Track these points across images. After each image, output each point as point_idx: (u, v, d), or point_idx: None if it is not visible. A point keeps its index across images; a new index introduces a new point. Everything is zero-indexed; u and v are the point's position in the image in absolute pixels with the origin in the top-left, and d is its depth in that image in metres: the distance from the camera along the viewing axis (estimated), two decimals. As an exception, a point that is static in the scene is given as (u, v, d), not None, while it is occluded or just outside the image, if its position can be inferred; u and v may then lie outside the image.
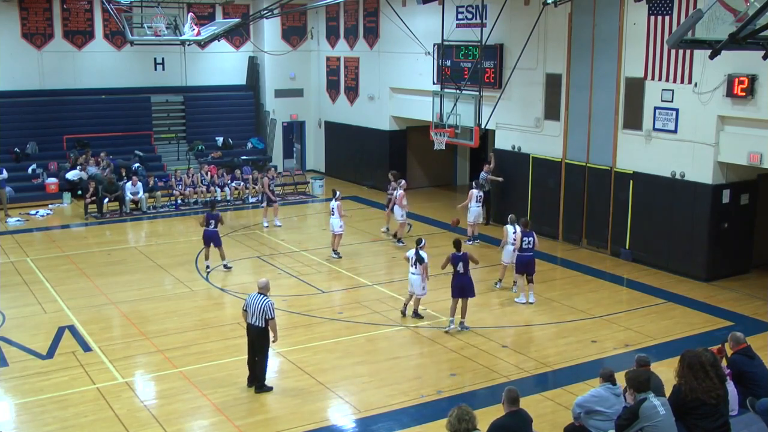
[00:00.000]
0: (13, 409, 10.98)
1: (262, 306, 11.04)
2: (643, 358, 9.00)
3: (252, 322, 11.15)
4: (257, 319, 11.08)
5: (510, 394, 7.93)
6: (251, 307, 11.13)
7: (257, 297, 11.15)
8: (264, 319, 11.03)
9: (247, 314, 11.23)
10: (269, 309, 11.05)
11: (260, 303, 11.06)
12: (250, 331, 11.27)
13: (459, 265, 13.58)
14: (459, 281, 13.67)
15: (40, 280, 16.79)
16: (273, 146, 29.61)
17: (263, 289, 11.25)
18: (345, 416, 10.84)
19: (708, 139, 16.33)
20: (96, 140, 26.62)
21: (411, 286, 14.25)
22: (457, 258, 13.62)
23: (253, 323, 11.14)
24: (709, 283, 16.57)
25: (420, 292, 14.17)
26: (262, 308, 11.04)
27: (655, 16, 17.10)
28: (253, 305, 11.10)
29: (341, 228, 18.39)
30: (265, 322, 11.05)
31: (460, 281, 13.66)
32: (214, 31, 21.88)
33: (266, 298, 11.14)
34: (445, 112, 19.35)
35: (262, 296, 11.15)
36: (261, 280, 11.44)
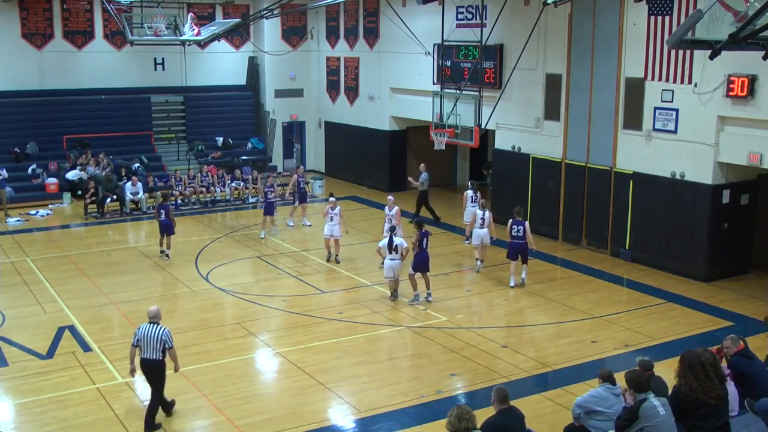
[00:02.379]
0: (13, 409, 10.98)
1: (158, 335, 9.89)
2: (646, 363, 8.97)
3: (146, 356, 9.96)
4: (154, 352, 9.92)
5: (499, 393, 7.97)
6: (144, 340, 9.94)
7: (150, 327, 9.97)
8: (162, 350, 9.92)
9: (141, 348, 10.02)
10: (168, 338, 9.95)
11: (156, 333, 9.91)
12: (144, 366, 10.07)
13: (424, 242, 15.00)
14: (423, 257, 15.01)
15: (40, 280, 16.79)
16: (273, 146, 29.61)
17: (155, 317, 10.08)
18: (345, 416, 10.84)
19: (708, 140, 16.33)
20: (96, 140, 26.62)
21: (393, 271, 15.11)
22: (423, 235, 15.03)
23: (148, 357, 9.96)
24: (709, 283, 16.57)
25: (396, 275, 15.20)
26: (159, 338, 9.89)
27: (655, 17, 17.10)
28: (147, 337, 9.92)
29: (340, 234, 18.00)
30: (162, 353, 9.95)
31: (424, 256, 15.02)
32: (214, 31, 21.88)
33: (161, 326, 10.01)
34: (445, 112, 19.35)
35: (155, 325, 9.99)
36: (151, 309, 10.21)
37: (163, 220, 18.19)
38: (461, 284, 16.90)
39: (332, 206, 17.95)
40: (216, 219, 23.03)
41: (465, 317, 14.66)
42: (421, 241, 15.05)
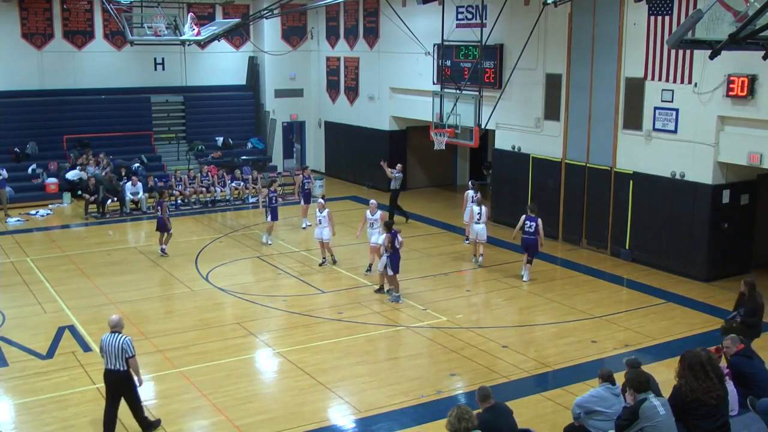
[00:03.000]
0: (13, 409, 10.98)
1: (119, 345, 9.62)
2: (633, 361, 8.99)
3: (110, 367, 9.72)
4: (117, 362, 9.66)
5: (481, 392, 8.05)
6: (106, 351, 9.72)
7: (111, 337, 9.71)
8: (124, 360, 9.66)
9: (104, 360, 9.81)
10: (128, 347, 9.67)
11: (117, 342, 9.64)
12: (107, 377, 9.84)
13: (395, 242, 15.28)
14: (397, 257, 15.29)
15: (40, 280, 16.79)
16: (273, 146, 29.61)
17: (116, 327, 9.81)
18: (345, 416, 10.84)
19: (708, 139, 16.33)
20: (96, 140, 26.62)
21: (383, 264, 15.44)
22: (393, 235, 15.36)
23: (112, 368, 9.70)
24: (709, 283, 16.57)
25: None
26: (119, 347, 9.62)
27: (655, 16, 17.10)
28: (108, 347, 9.69)
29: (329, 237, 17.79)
30: (125, 363, 9.68)
31: (397, 257, 15.30)
32: (214, 31, 21.87)
33: (121, 335, 9.73)
34: (445, 112, 19.35)
35: (116, 335, 9.71)
36: (112, 318, 9.99)
37: (158, 217, 18.65)
38: (461, 284, 16.90)
39: (320, 208, 17.76)
40: (216, 219, 23.03)
41: (465, 317, 14.66)
42: (393, 242, 15.22)
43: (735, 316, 11.61)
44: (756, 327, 11.42)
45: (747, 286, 11.58)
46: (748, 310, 11.45)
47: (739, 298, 11.80)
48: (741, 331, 10.60)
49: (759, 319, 11.48)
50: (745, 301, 11.56)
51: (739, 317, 11.47)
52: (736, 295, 15.68)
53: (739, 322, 11.38)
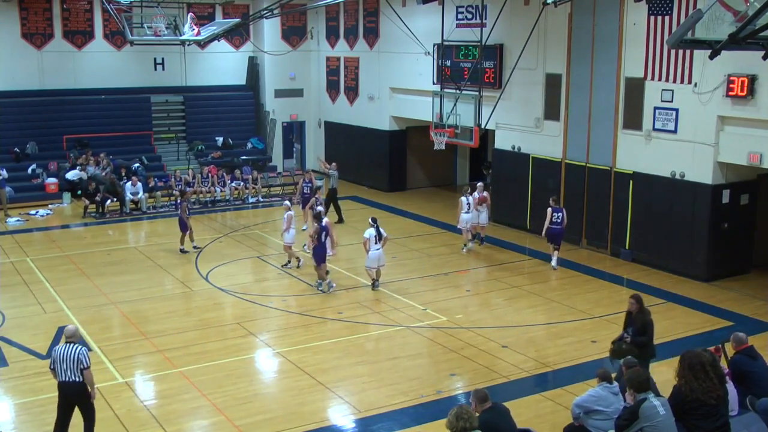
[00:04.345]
0: (13, 409, 10.98)
1: (75, 356, 9.16)
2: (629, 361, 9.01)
3: (65, 379, 9.23)
4: (72, 374, 9.19)
5: (479, 394, 8.04)
6: (59, 362, 9.23)
7: (66, 348, 9.25)
8: (80, 371, 9.21)
9: (56, 372, 9.31)
10: (84, 357, 9.21)
11: (72, 353, 9.18)
12: (63, 389, 9.35)
13: (323, 235, 15.70)
14: (322, 249, 15.73)
15: (40, 280, 16.79)
16: (273, 146, 29.61)
17: (72, 337, 9.39)
18: (345, 416, 10.84)
19: (708, 139, 16.33)
20: (96, 140, 26.62)
21: (378, 261, 15.86)
22: (323, 229, 15.74)
23: (67, 380, 9.23)
24: (709, 283, 16.57)
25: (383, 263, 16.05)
26: (75, 358, 9.15)
27: (655, 16, 17.10)
28: (62, 358, 9.20)
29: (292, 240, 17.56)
30: (81, 374, 9.23)
31: (323, 249, 15.73)
32: (214, 31, 21.86)
33: (77, 346, 9.33)
34: (445, 112, 19.35)
35: (71, 345, 9.27)
36: (69, 327, 9.62)
37: (179, 217, 18.87)
38: (461, 284, 16.90)
39: (285, 209, 17.39)
40: (216, 219, 23.03)
41: (465, 317, 14.66)
42: (320, 234, 15.64)
43: (624, 336, 10.78)
44: (649, 346, 10.69)
45: (635, 304, 10.75)
46: (638, 328, 10.65)
47: (626, 317, 10.98)
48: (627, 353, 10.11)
49: (650, 338, 10.69)
50: (633, 320, 10.76)
51: (629, 337, 10.67)
52: (737, 295, 15.80)
53: (629, 342, 10.63)
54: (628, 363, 8.95)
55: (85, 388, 9.35)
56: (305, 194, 20.82)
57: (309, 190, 20.83)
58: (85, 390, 9.36)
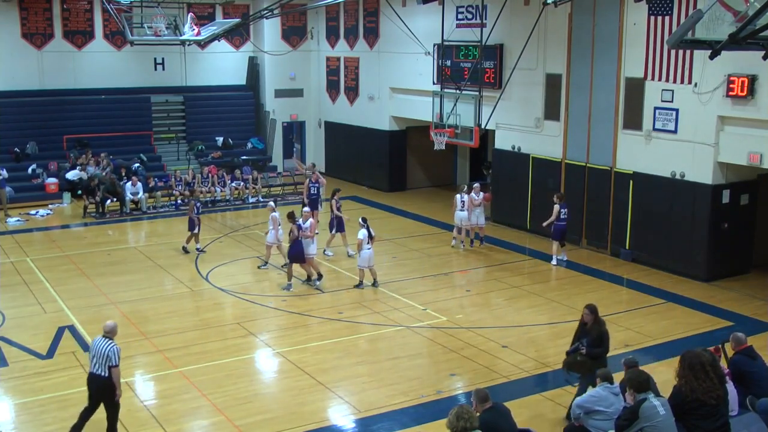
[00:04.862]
0: (13, 409, 10.98)
1: (105, 351, 9.43)
2: (630, 361, 9.01)
3: (93, 371, 9.53)
4: (99, 367, 9.46)
5: (479, 394, 8.05)
6: (92, 354, 9.59)
7: (101, 342, 9.55)
8: (107, 367, 9.44)
9: (90, 362, 9.67)
10: (113, 355, 9.44)
11: (104, 348, 9.45)
12: (89, 380, 9.65)
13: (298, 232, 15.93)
14: (298, 248, 15.89)
15: (40, 280, 16.79)
16: (273, 146, 29.61)
17: (109, 333, 9.66)
18: (345, 416, 10.84)
19: (708, 139, 16.33)
20: (96, 140, 26.61)
21: (369, 260, 15.96)
22: (299, 228, 15.93)
23: (94, 372, 9.51)
24: (709, 283, 16.57)
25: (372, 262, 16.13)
26: (105, 354, 9.42)
27: (655, 16, 17.10)
28: (96, 351, 9.52)
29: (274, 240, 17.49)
30: (108, 370, 9.46)
31: (299, 248, 15.89)
32: (214, 31, 21.87)
33: (111, 342, 9.55)
34: (445, 112, 19.36)
35: (106, 340, 9.55)
36: (107, 323, 9.85)
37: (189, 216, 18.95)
38: (461, 284, 16.91)
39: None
40: (216, 219, 23.02)
41: (465, 317, 14.66)
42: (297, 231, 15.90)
43: (578, 347, 10.28)
44: (602, 358, 10.19)
45: (589, 314, 10.32)
46: (593, 339, 10.17)
47: (579, 328, 10.53)
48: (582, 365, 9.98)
49: (605, 350, 10.24)
50: (588, 330, 10.28)
51: (583, 349, 10.16)
52: (737, 295, 15.80)
53: (584, 354, 10.13)
54: (629, 363, 8.95)
55: (109, 383, 9.51)
56: (312, 195, 20.58)
57: (316, 190, 20.67)
58: (109, 385, 9.52)
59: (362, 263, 16.09)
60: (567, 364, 10.49)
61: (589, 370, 9.96)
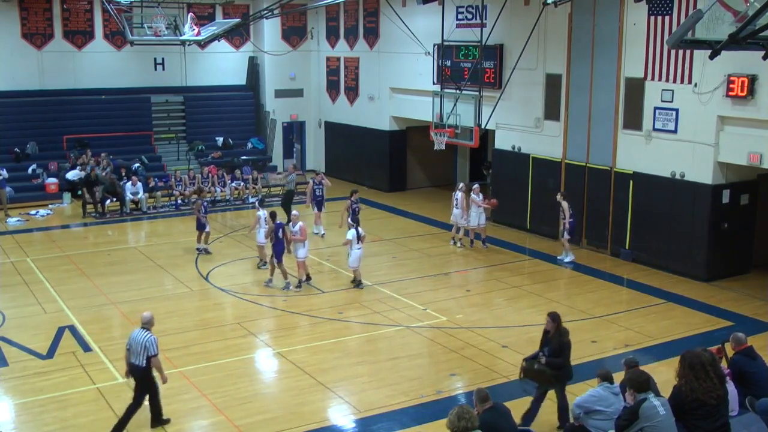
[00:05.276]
0: (13, 409, 10.98)
1: (143, 342, 9.85)
2: (630, 361, 9.01)
3: (132, 361, 9.98)
4: (138, 357, 9.90)
5: (480, 394, 8.06)
6: (130, 345, 9.99)
7: (139, 333, 9.96)
8: (146, 357, 9.86)
9: (129, 353, 10.04)
10: (151, 345, 9.86)
11: (142, 339, 9.88)
12: (131, 371, 10.11)
13: (279, 233, 16.03)
14: (280, 247, 16.02)
15: (40, 280, 16.79)
16: (273, 146, 29.61)
17: (147, 324, 10.05)
18: (345, 416, 10.84)
19: (708, 139, 16.33)
20: (96, 140, 26.62)
21: (359, 260, 16.11)
22: (278, 226, 16.10)
23: (134, 362, 9.96)
24: (709, 283, 16.57)
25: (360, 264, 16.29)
26: (143, 344, 9.84)
27: (655, 16, 17.10)
28: (134, 342, 9.94)
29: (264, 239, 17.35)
30: (147, 360, 9.88)
31: (281, 247, 16.02)
32: (214, 31, 21.87)
33: (149, 333, 9.96)
34: (445, 112, 19.36)
35: (144, 331, 9.95)
36: (144, 314, 10.22)
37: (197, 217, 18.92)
38: (461, 284, 16.91)
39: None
40: (216, 219, 23.00)
41: (465, 317, 14.66)
42: (276, 231, 16.03)
43: (539, 355, 9.92)
44: (566, 368, 9.89)
45: (551, 322, 9.94)
46: (554, 349, 9.81)
47: (543, 336, 10.13)
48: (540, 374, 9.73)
49: (566, 359, 9.88)
50: (550, 339, 9.92)
51: (544, 358, 9.80)
52: (737, 295, 15.80)
53: (544, 363, 9.78)
54: (629, 363, 8.96)
55: (147, 372, 9.96)
56: (318, 197, 20.68)
57: (321, 192, 20.75)
58: (146, 374, 9.98)
59: (354, 263, 16.13)
60: (523, 371, 10.04)
61: (547, 380, 9.73)
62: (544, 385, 9.90)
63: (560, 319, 10.02)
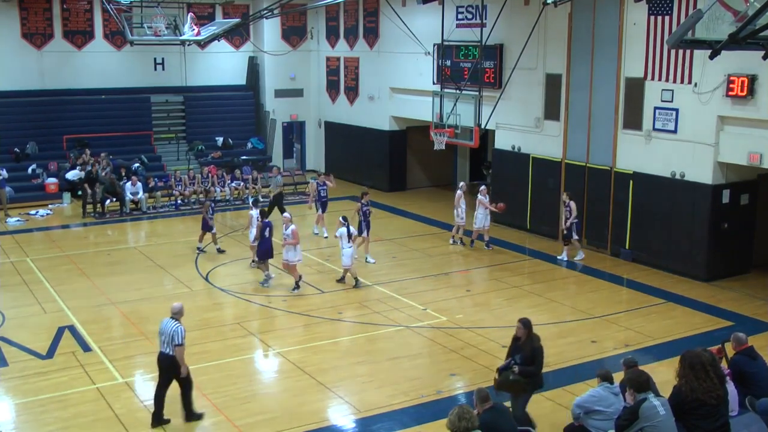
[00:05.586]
0: (13, 409, 10.98)
1: (171, 331, 10.13)
2: (629, 360, 9.01)
3: (163, 349, 10.28)
4: (165, 346, 10.20)
5: (480, 394, 8.06)
6: (160, 334, 10.30)
7: (168, 322, 10.27)
8: (172, 346, 10.13)
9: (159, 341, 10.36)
10: (178, 335, 10.11)
11: (170, 329, 10.17)
12: (160, 360, 10.35)
13: (266, 231, 16.08)
14: (267, 245, 16.13)
15: (40, 280, 16.79)
16: (273, 146, 29.62)
17: (177, 314, 10.34)
18: (345, 416, 10.84)
19: (708, 139, 16.33)
20: (96, 140, 26.60)
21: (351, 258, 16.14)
22: (266, 225, 16.19)
23: (164, 351, 10.25)
24: (709, 283, 16.57)
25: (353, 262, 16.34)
26: (171, 334, 10.12)
27: (655, 16, 17.10)
28: (162, 331, 10.26)
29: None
30: (174, 349, 10.15)
31: (267, 245, 16.13)
32: (214, 31, 21.86)
33: (177, 323, 10.21)
34: (445, 112, 19.36)
35: (174, 321, 10.24)
36: (175, 305, 10.52)
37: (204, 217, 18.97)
38: (461, 284, 16.91)
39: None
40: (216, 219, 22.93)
41: (465, 317, 14.66)
42: (263, 230, 16.15)
43: (510, 363, 9.67)
44: (537, 376, 9.70)
45: (522, 329, 9.71)
46: (526, 356, 9.58)
47: (512, 343, 9.89)
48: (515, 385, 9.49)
49: (538, 367, 9.70)
50: (521, 347, 9.68)
51: (516, 366, 9.56)
52: (737, 295, 15.80)
53: (518, 372, 9.50)
54: (629, 363, 8.95)
55: (174, 361, 10.18)
56: (322, 198, 20.65)
57: (325, 193, 20.73)
58: (174, 364, 10.19)
59: (347, 261, 16.17)
60: (498, 384, 9.71)
61: (522, 389, 9.56)
62: (518, 395, 9.70)
63: (531, 325, 9.77)
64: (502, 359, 12.45)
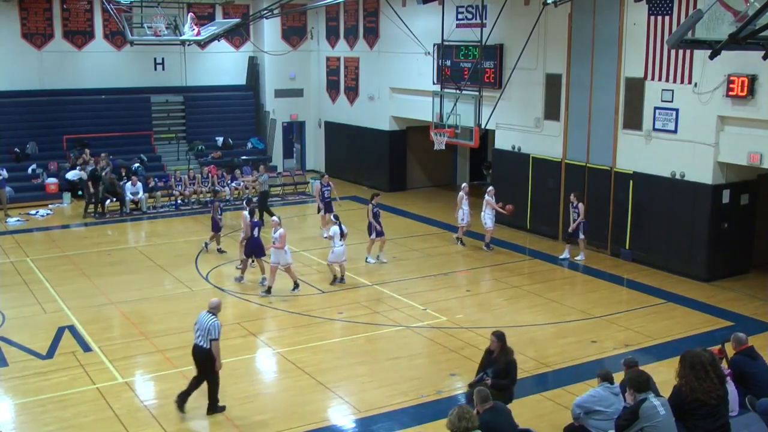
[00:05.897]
0: (13, 409, 10.98)
1: (207, 326, 10.38)
2: (630, 360, 9.01)
3: (197, 342, 10.54)
4: (201, 339, 10.46)
5: (480, 394, 8.06)
6: (197, 328, 10.56)
7: (205, 316, 10.53)
8: (208, 340, 10.38)
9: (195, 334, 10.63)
10: (213, 330, 10.36)
11: (207, 323, 10.42)
12: (193, 351, 10.64)
13: (256, 230, 16.34)
14: (256, 243, 16.32)
15: (40, 280, 16.79)
16: (273, 146, 29.62)
17: (213, 309, 10.61)
18: (345, 416, 10.84)
19: (708, 139, 16.33)
20: (96, 140, 26.59)
21: (342, 255, 16.31)
22: (255, 224, 16.44)
23: (198, 344, 10.52)
24: (709, 283, 16.57)
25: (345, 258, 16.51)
26: (207, 328, 10.37)
27: (655, 16, 17.10)
28: (200, 325, 10.52)
29: None
30: (209, 343, 10.39)
31: (256, 243, 16.32)
32: (214, 31, 21.87)
33: (214, 318, 10.47)
34: (445, 112, 19.36)
35: (210, 315, 10.50)
36: (213, 300, 10.85)
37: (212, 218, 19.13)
38: (461, 284, 16.90)
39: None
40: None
41: (465, 317, 14.66)
42: (253, 229, 16.33)
43: (483, 377, 9.58)
44: (508, 389, 9.66)
45: (496, 342, 9.65)
46: (500, 370, 9.53)
47: (485, 356, 9.84)
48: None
49: (512, 381, 9.67)
50: (495, 360, 9.61)
51: (488, 379, 9.45)
52: (737, 295, 15.80)
53: (490, 385, 9.25)
54: (629, 363, 8.96)
55: (209, 354, 10.40)
56: (326, 198, 20.64)
57: (329, 194, 20.77)
58: (208, 357, 10.41)
59: (333, 258, 16.32)
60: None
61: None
62: None
63: (505, 338, 9.71)
64: (502, 359, 12.54)
